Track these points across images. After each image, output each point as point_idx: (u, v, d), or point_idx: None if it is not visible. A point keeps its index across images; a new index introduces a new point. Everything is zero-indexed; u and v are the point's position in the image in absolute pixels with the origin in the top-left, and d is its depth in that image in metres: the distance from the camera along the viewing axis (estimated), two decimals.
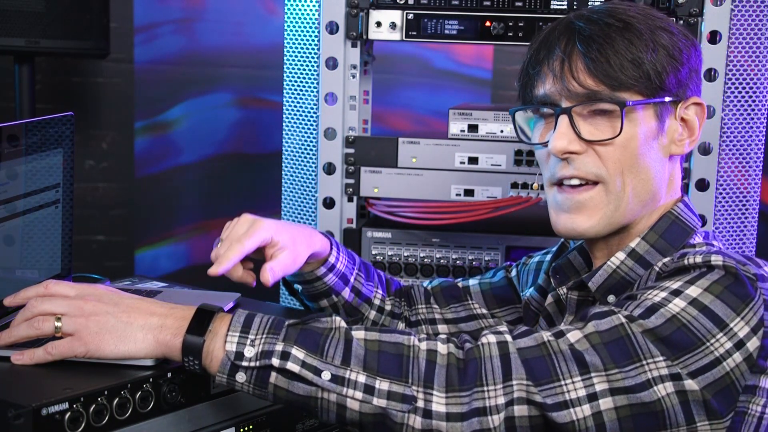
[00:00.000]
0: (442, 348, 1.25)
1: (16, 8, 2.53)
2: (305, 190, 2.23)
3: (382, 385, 1.22)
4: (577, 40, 1.39)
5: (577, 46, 1.38)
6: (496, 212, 2.13)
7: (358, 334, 1.26)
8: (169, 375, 1.27)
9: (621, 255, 1.43)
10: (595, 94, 1.38)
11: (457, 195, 2.18)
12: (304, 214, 2.24)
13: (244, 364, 1.23)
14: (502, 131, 2.16)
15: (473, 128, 2.18)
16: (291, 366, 1.22)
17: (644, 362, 1.23)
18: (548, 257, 1.65)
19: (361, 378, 1.22)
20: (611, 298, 1.43)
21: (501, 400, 1.22)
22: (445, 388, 1.22)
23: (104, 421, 1.19)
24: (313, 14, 2.17)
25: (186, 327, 1.26)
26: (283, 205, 2.28)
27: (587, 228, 1.42)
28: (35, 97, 2.77)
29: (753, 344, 1.26)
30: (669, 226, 1.43)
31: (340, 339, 1.25)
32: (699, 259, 1.32)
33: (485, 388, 1.22)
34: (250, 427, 1.38)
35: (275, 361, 1.23)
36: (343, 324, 1.27)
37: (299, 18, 2.20)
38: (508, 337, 1.26)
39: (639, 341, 1.24)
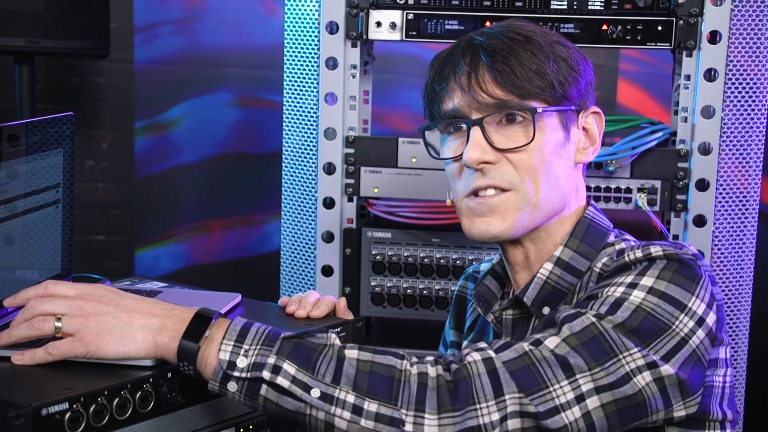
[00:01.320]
0: (431, 371, 1.26)
1: (16, 8, 2.53)
2: (305, 190, 2.23)
3: (370, 406, 1.22)
4: (481, 54, 1.43)
5: (482, 59, 1.43)
6: None
7: (352, 353, 1.26)
8: (169, 375, 1.27)
9: (548, 265, 1.47)
10: (504, 103, 1.42)
11: None
12: (304, 214, 2.24)
13: (236, 374, 1.23)
14: None
15: None
16: (281, 381, 1.22)
17: (621, 356, 1.28)
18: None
19: (350, 398, 1.22)
20: (546, 310, 1.47)
21: (495, 417, 1.23)
22: (437, 410, 1.23)
23: (104, 421, 1.19)
24: (313, 14, 2.17)
25: (183, 331, 1.26)
26: (283, 205, 2.28)
27: (501, 230, 1.45)
28: (35, 97, 2.77)
29: (711, 319, 1.33)
30: (586, 229, 1.48)
31: (333, 357, 1.25)
32: (639, 253, 1.38)
33: (478, 406, 1.23)
34: (250, 427, 1.38)
35: (266, 374, 1.23)
36: (338, 342, 1.28)
37: (299, 18, 2.20)
38: (492, 353, 1.28)
39: (612, 337, 1.28)
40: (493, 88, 1.42)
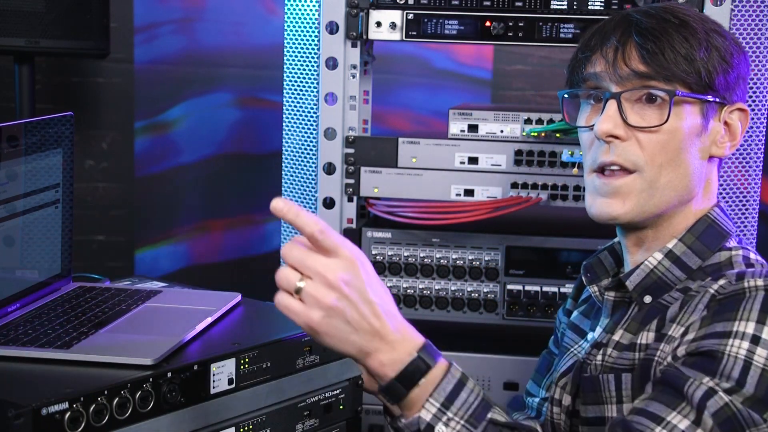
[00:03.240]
0: None
1: (16, 8, 2.53)
2: (305, 190, 2.23)
3: None
4: (633, 31, 1.43)
5: (633, 36, 1.43)
6: (496, 212, 2.13)
7: None
8: (169, 375, 1.27)
9: (658, 255, 1.45)
10: (646, 81, 1.42)
11: (457, 195, 2.18)
12: None
13: None
14: (502, 131, 2.16)
15: (473, 128, 2.17)
16: None
17: (747, 431, 1.26)
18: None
19: None
20: (647, 299, 1.45)
21: None
22: None
23: (104, 421, 1.19)
24: (313, 14, 2.17)
25: (399, 370, 1.22)
26: None
27: (621, 213, 1.44)
28: (35, 97, 2.76)
29: None
30: (706, 228, 1.46)
31: None
32: (760, 282, 1.33)
33: None
34: (250, 427, 1.38)
35: None
36: None
37: (299, 18, 2.20)
38: None
39: (744, 415, 1.26)
40: (638, 66, 1.42)
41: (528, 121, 2.13)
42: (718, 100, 1.44)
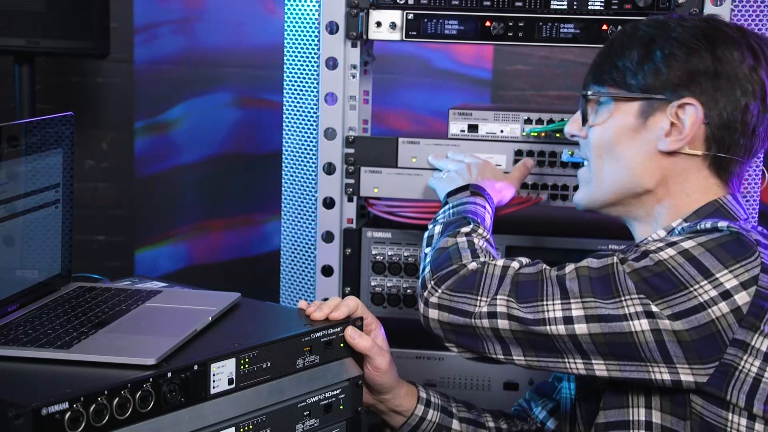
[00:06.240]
0: (474, 264, 1.47)
1: (16, 8, 2.54)
2: (305, 190, 2.23)
3: (425, 268, 1.53)
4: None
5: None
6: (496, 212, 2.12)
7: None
8: (169, 375, 1.27)
9: (661, 232, 1.52)
10: (585, 86, 1.59)
11: None
12: (304, 214, 2.24)
13: None
14: (502, 131, 2.16)
15: (473, 128, 2.17)
16: None
17: (622, 298, 1.35)
18: None
19: (427, 249, 1.61)
20: None
21: (484, 309, 1.43)
22: (446, 288, 1.46)
23: (104, 421, 1.19)
24: (313, 14, 2.17)
25: None
26: (283, 205, 2.28)
27: (577, 200, 1.64)
28: (35, 97, 2.77)
29: (742, 298, 1.32)
30: (712, 212, 1.51)
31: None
32: (709, 224, 1.42)
33: (478, 297, 1.44)
34: (250, 427, 1.38)
35: None
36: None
37: (299, 18, 2.20)
38: (516, 264, 1.46)
39: (621, 279, 1.36)
40: (588, 74, 1.59)
41: (528, 121, 2.13)
42: (660, 97, 1.49)
